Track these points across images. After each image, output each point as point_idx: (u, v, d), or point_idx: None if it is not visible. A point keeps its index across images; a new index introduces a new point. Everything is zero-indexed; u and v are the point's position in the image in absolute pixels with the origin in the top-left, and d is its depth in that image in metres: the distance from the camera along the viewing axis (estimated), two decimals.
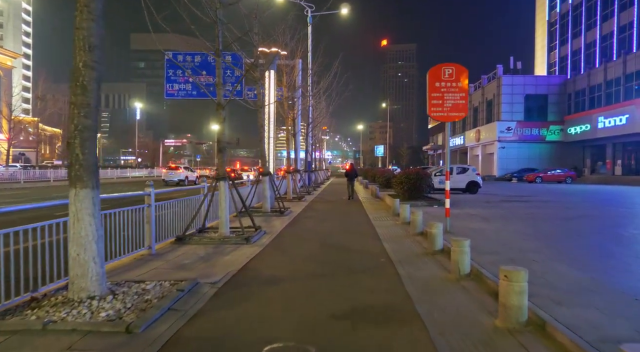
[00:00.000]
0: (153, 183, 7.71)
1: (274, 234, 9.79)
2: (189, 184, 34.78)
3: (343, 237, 9.35)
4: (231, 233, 9.41)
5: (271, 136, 16.92)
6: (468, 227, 9.98)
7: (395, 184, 16.42)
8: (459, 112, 9.05)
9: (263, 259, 7.14)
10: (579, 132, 45.09)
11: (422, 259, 7.03)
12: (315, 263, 6.87)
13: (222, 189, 9.27)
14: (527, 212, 13.48)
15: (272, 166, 17.09)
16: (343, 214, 14.14)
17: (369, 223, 11.63)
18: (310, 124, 29.54)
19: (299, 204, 17.29)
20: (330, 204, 17.57)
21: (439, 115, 9.09)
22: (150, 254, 7.48)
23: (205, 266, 6.64)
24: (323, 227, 11.09)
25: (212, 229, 9.93)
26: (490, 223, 10.79)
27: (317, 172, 41.46)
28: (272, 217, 13.03)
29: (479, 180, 22.61)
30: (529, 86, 49.22)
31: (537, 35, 60.68)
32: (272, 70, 17.01)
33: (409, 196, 15.65)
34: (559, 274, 5.69)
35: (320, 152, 55.45)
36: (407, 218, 11.36)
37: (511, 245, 7.74)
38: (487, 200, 18.29)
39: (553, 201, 18.06)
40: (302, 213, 14.27)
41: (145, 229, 7.49)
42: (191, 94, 27.47)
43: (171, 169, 38.46)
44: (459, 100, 9.04)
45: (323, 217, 13.29)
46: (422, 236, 9.35)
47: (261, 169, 15.84)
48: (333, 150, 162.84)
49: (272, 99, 16.91)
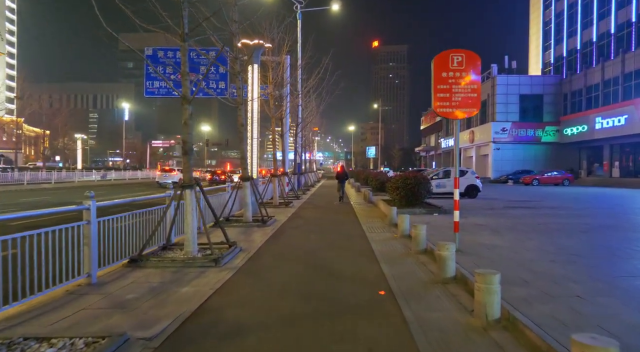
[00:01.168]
0: (94, 194, 6.16)
1: (251, 252, 8.28)
2: None
3: (333, 256, 7.86)
4: (199, 251, 7.89)
5: (255, 136, 15.39)
6: (479, 243, 8.54)
7: (391, 190, 14.98)
8: (470, 108, 7.61)
9: (230, 292, 5.63)
10: (576, 133, 44.08)
11: (431, 292, 5.56)
12: (296, 297, 5.38)
13: (188, 199, 7.75)
14: (538, 221, 12.09)
15: (255, 170, 15.56)
16: (333, 223, 12.65)
17: (362, 236, 10.16)
18: (300, 123, 28.05)
19: (285, 211, 15.78)
20: (320, 211, 16.08)
21: (445, 112, 7.65)
22: (89, 283, 5.95)
23: (152, 303, 5.11)
24: (310, 241, 9.58)
25: (178, 245, 8.39)
26: (503, 237, 9.36)
27: (308, 174, 39.98)
28: (252, 228, 11.50)
29: (478, 183, 21.25)
30: (524, 86, 48.17)
31: (531, 34, 59.74)
32: (255, 64, 15.51)
33: (406, 202, 14.21)
34: (624, 322, 4.24)
35: (311, 154, 53.92)
36: (406, 230, 9.91)
37: (539, 270, 6.30)
38: (490, 206, 16.91)
39: (560, 207, 16.72)
40: (288, 222, 12.76)
41: (83, 252, 5.96)
42: (172, 92, 26.00)
43: (165, 172, 38.28)
44: (470, 93, 7.61)
45: (311, 227, 11.79)
46: (426, 254, 7.90)
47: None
48: (324, 152, 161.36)
49: (255, 95, 15.41)
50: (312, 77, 22.03)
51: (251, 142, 15.32)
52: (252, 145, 15.34)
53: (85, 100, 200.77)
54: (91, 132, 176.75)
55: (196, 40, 11.93)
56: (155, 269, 6.90)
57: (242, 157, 12.66)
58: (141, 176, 51.52)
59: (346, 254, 8.01)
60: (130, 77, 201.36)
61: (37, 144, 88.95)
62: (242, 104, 12.45)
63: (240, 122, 12.50)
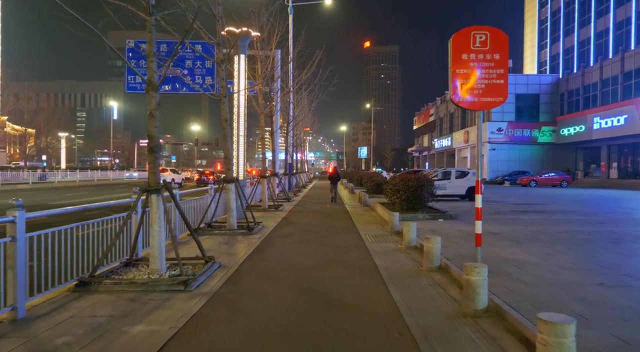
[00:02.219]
0: (22, 202, 4.76)
1: (232, 269, 6.90)
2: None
3: (330, 276, 6.51)
4: (168, 269, 6.51)
5: (241, 133, 13.97)
6: (503, 258, 7.25)
7: (390, 192, 13.67)
8: (496, 97, 6.31)
9: (196, 334, 4.25)
10: (573, 133, 43.19)
11: (462, 332, 4.23)
12: (283, 344, 4.02)
13: (154, 206, 6.37)
14: (558, 229, 10.84)
15: (242, 170, 14.16)
16: (328, 230, 11.30)
17: (362, 247, 8.83)
18: (291, 121, 26.66)
19: (274, 216, 14.41)
20: (313, 216, 14.72)
21: (465, 101, 6.33)
22: (13, 319, 4.55)
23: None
24: (302, 254, 8.21)
25: (145, 260, 6.99)
26: (528, 250, 8.08)
27: (299, 175, 38.61)
28: (236, 237, 10.12)
29: None
30: (520, 85, 47.21)
31: (526, 33, 58.89)
32: (242, 54, 14.10)
33: (407, 206, 12.91)
34: None
35: (302, 154, 52.55)
36: (412, 241, 8.59)
37: (592, 299, 5.01)
38: (495, 210, 15.67)
39: (571, 211, 15.53)
40: (277, 230, 11.38)
41: (4, 278, 4.57)
42: None
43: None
44: (495, 79, 6.30)
45: (303, 236, 10.42)
46: (440, 273, 6.58)
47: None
48: (316, 152, 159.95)
49: (242, 86, 13.99)
50: (304, 71, 20.64)
51: (237, 140, 13.90)
52: (239, 143, 13.92)
53: (73, 99, 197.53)
54: (79, 131, 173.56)
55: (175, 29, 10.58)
56: (109, 294, 5.51)
57: (226, 157, 11.26)
58: (127, 176, 49.77)
59: (346, 274, 6.66)
60: (120, 75, 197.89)
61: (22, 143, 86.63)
62: (225, 96, 11.07)
63: (224, 117, 11.12)
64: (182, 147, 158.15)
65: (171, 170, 40.71)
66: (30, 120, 55.66)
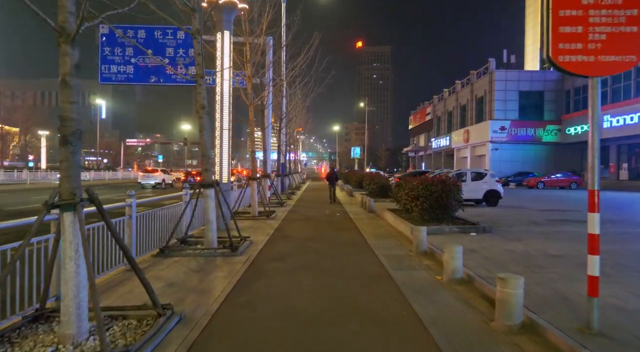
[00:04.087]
0: None
1: (198, 326, 4.42)
2: (165, 188, 34.15)
3: (350, 340, 4.06)
4: (92, 333, 4.05)
5: (225, 126, 11.45)
6: (612, 307, 4.82)
7: (406, 199, 11.25)
8: (625, 55, 3.91)
9: None
10: (580, 132, 41.05)
11: None
12: None
13: (67, 232, 3.90)
14: (628, 248, 8.48)
15: (226, 171, 11.65)
16: (334, 247, 8.86)
17: (386, 277, 6.38)
18: (284, 117, 24.17)
19: (265, 225, 11.94)
20: (312, 226, 12.26)
21: (575, 61, 3.92)
22: None
23: None
24: (303, 293, 5.73)
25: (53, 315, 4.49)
26: (634, 289, 5.68)
27: (292, 176, 36.14)
28: (214, 261, 7.64)
29: (499, 189, 17.67)
30: (523, 82, 45.08)
31: (527, 29, 56.89)
32: (226, 30, 11.60)
33: (430, 216, 10.49)
34: None
35: (295, 154, 50.05)
36: (457, 271, 6.14)
37: None
38: (526, 218, 13.31)
39: (620, 220, 13.21)
40: (268, 248, 8.90)
41: None
42: (130, 77, 21.85)
43: (148, 172, 37.21)
44: (624, 25, 3.90)
45: (302, 258, 7.94)
46: (525, 335, 4.15)
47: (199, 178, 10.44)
48: (308, 152, 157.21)
49: (226, 65, 11.47)
50: (300, 57, 18.03)
51: (220, 134, 11.38)
52: (222, 138, 11.40)
53: None
54: None
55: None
56: None
57: (203, 154, 8.77)
58: (108, 177, 46.89)
59: (377, 336, 4.21)
60: None
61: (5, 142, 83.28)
62: (202, 76, 8.60)
63: (200, 102, 8.65)
64: (172, 146, 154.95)
65: (161, 170, 38.85)
66: (8, 118, 52.55)
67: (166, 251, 8.05)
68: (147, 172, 37.39)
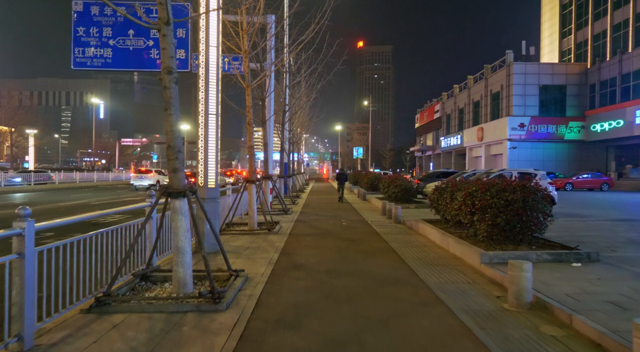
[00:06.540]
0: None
1: None
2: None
3: None
4: None
5: (211, 111, 8.27)
6: None
7: (464, 210, 8.06)
8: None
9: None
10: (607, 129, 37.87)
11: None
12: None
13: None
14: None
15: (213, 171, 8.46)
16: (373, 288, 5.69)
17: None
18: (288, 110, 21.00)
19: (267, 245, 8.76)
20: (329, 244, 9.08)
21: None
22: None
23: None
24: None
25: None
26: None
27: (296, 177, 33.03)
28: (180, 326, 4.41)
29: (554, 193, 14.49)
30: (544, 76, 41.89)
31: (544, 21, 53.60)
32: None
33: (504, 236, 7.30)
34: None
35: (299, 154, 46.90)
36: None
37: None
38: (617, 234, 10.10)
39: None
40: (271, 294, 5.66)
41: None
42: (109, 63, 18.73)
43: (141, 173, 34.34)
44: None
45: (328, 319, 4.75)
46: None
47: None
48: (310, 152, 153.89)
49: (212, 43, 8.30)
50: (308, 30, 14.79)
51: (204, 119, 8.16)
52: (207, 125, 8.19)
53: (58, 97, 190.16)
54: (63, 131, 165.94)
55: None
56: None
57: (169, 146, 5.52)
58: (97, 178, 43.71)
59: None
60: (106, 73, 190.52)
61: None
62: (168, 22, 5.46)
63: (166, 64, 5.50)
64: None
65: (156, 171, 35.51)
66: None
67: (106, 301, 4.87)
68: (140, 173, 34.51)
